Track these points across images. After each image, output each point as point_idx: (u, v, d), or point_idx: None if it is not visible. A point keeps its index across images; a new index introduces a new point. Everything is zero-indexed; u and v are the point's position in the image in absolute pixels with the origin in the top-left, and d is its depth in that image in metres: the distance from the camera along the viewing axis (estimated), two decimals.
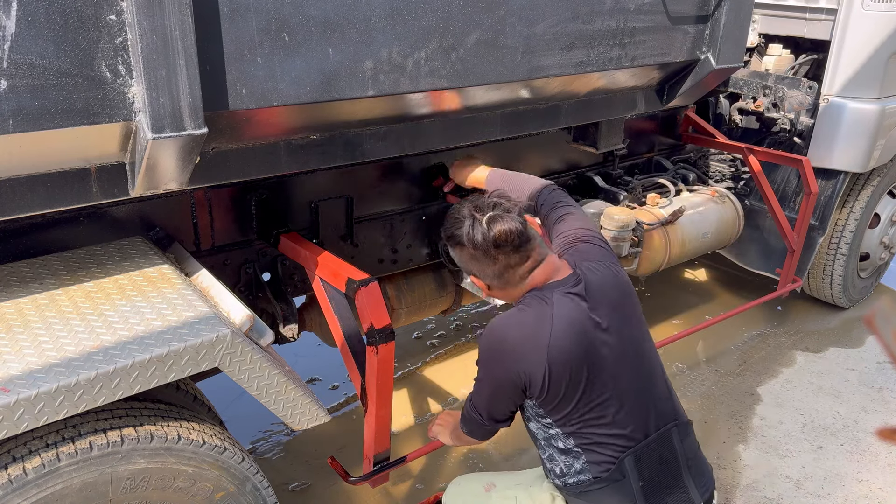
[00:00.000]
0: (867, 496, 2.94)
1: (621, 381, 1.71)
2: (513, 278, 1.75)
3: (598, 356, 1.69)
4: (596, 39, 2.40)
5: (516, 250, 1.71)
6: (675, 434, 1.78)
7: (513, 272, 1.74)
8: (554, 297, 1.70)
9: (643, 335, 1.82)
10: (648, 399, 1.76)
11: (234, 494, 1.86)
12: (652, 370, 1.80)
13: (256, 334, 1.81)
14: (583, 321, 1.69)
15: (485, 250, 1.70)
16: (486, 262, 1.73)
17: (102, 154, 1.67)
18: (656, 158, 3.96)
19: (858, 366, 3.87)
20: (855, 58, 3.57)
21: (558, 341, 1.64)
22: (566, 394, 1.68)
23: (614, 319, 1.73)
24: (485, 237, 1.68)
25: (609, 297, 1.75)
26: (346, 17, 1.80)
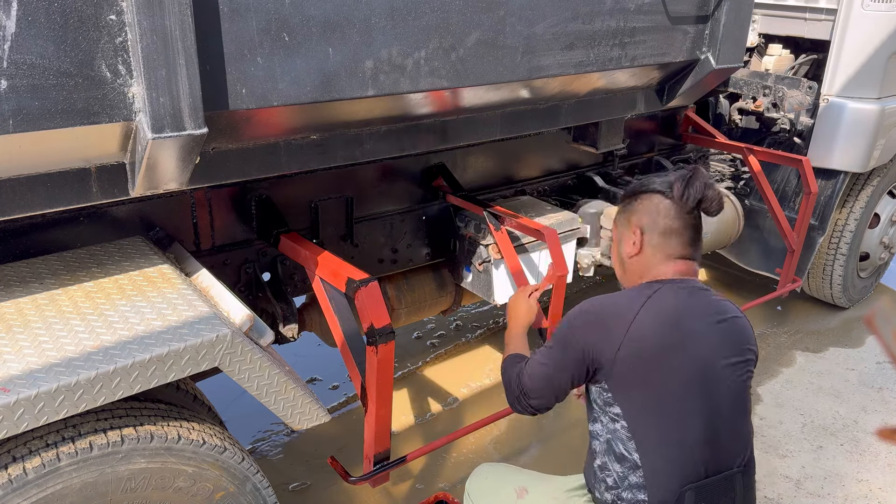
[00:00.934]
0: (867, 496, 2.94)
1: (703, 399, 1.63)
2: (669, 247, 1.75)
3: (681, 357, 1.62)
4: (596, 39, 2.40)
5: (696, 228, 1.76)
6: (740, 480, 1.68)
7: (675, 242, 1.74)
8: (661, 288, 1.69)
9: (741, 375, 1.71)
10: (726, 434, 1.66)
11: (234, 494, 1.86)
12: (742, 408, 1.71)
13: (256, 334, 1.81)
14: (679, 315, 1.65)
15: (686, 201, 1.72)
16: (671, 215, 1.74)
17: (102, 154, 1.67)
18: (656, 158, 3.96)
19: (858, 366, 3.87)
20: (855, 58, 3.57)
21: (642, 322, 1.62)
22: (636, 381, 1.62)
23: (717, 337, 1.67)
24: (698, 191, 1.71)
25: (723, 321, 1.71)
26: (346, 17, 1.80)
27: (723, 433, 1.66)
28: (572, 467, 1.98)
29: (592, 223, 3.19)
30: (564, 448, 3.21)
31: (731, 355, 1.69)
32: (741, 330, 1.75)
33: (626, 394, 1.64)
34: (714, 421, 1.64)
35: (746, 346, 1.74)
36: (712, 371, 1.65)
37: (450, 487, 2.94)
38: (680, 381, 1.62)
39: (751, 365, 1.75)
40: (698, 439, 1.62)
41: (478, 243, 2.83)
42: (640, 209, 1.79)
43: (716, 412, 1.64)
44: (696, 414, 1.62)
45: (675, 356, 1.62)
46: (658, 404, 1.62)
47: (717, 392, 1.65)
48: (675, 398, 1.62)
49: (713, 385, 1.65)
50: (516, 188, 3.31)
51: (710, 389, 1.64)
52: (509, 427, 3.33)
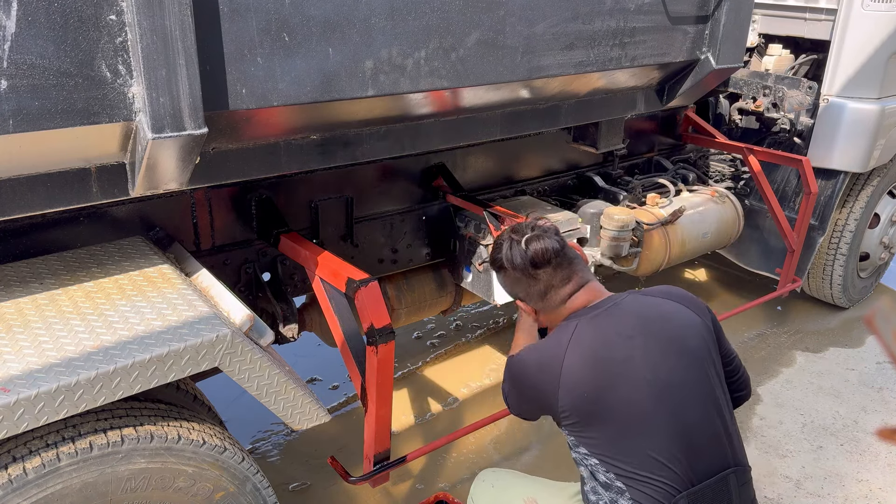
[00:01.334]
0: (867, 496, 2.94)
1: (667, 414, 1.62)
2: (555, 300, 1.78)
3: (628, 385, 1.61)
4: (596, 39, 2.40)
5: (557, 269, 1.75)
6: (733, 480, 1.67)
7: (555, 293, 1.77)
8: (579, 323, 1.70)
9: (706, 374, 1.70)
10: (709, 438, 1.66)
11: (234, 494, 1.86)
12: (716, 408, 1.69)
13: (256, 334, 1.81)
14: (605, 348, 1.65)
15: (524, 270, 1.76)
16: (528, 282, 1.78)
17: (102, 154, 1.67)
18: (656, 158, 3.97)
19: (858, 366, 3.87)
20: (855, 58, 3.57)
21: (570, 369, 1.63)
22: (589, 422, 1.63)
23: (661, 350, 1.66)
24: (523, 257, 1.75)
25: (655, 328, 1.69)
26: (346, 17, 1.80)
27: (699, 436, 1.64)
28: (572, 467, 1.98)
29: (592, 223, 3.19)
30: (564, 448, 3.21)
31: (680, 362, 1.67)
32: (680, 326, 1.72)
33: (584, 435, 1.66)
34: (684, 427, 1.63)
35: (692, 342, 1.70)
36: (662, 384, 1.63)
37: (450, 487, 2.94)
38: (632, 407, 1.61)
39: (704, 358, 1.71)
40: (673, 450, 1.61)
41: (478, 243, 2.83)
42: (506, 283, 1.87)
43: (683, 418, 1.63)
44: (661, 428, 1.61)
45: (615, 389, 1.61)
46: (620, 434, 1.62)
47: (677, 399, 1.63)
48: (634, 423, 1.61)
49: (669, 395, 1.63)
50: (516, 188, 3.31)
51: (667, 400, 1.62)
52: (509, 427, 3.33)
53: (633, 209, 3.41)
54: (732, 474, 1.68)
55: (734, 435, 1.73)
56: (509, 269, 1.79)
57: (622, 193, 3.49)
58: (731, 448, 1.71)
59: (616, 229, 3.14)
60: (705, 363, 1.71)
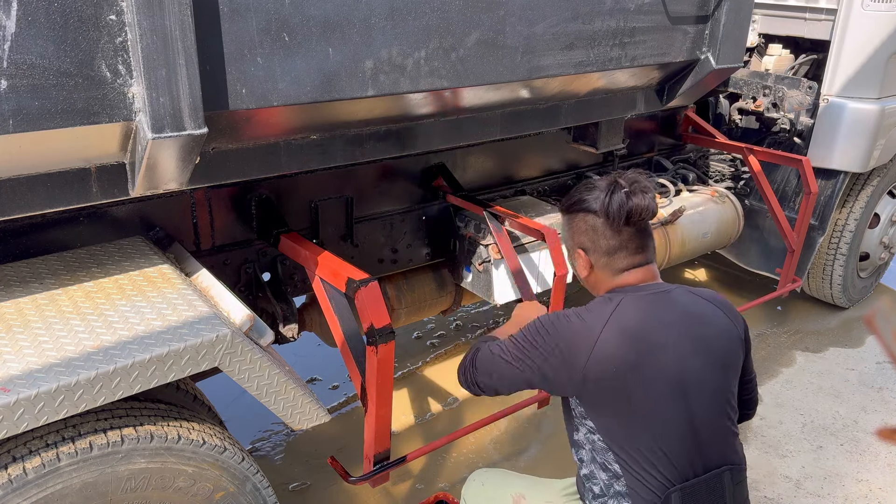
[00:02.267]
0: (867, 496, 2.94)
1: (679, 407, 1.61)
2: (618, 263, 1.71)
3: (653, 371, 1.59)
4: (596, 39, 2.40)
5: (637, 235, 1.69)
6: (728, 477, 1.66)
7: (622, 257, 1.70)
8: (623, 299, 1.65)
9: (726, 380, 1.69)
10: (708, 434, 1.64)
11: (234, 494, 1.86)
12: (721, 410, 1.68)
13: (256, 334, 1.81)
14: (644, 329, 1.62)
15: (614, 220, 1.66)
16: (607, 234, 1.69)
17: (102, 154, 1.67)
18: (656, 158, 3.97)
19: (858, 366, 3.87)
20: (855, 58, 3.57)
21: (607, 341, 1.59)
22: (607, 398, 1.60)
23: (689, 345, 1.63)
24: (621, 206, 1.64)
25: (694, 325, 1.66)
26: (346, 17, 1.80)
27: (704, 434, 1.64)
28: (571, 467, 1.98)
29: None
30: (563, 448, 3.20)
31: (706, 362, 1.65)
32: (716, 330, 1.69)
33: (597, 410, 1.63)
34: (693, 424, 1.62)
35: (722, 348, 1.68)
36: (684, 379, 1.62)
37: (450, 487, 2.94)
38: (651, 393, 1.60)
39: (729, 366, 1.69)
40: (677, 444, 1.61)
41: (478, 243, 2.83)
42: (577, 230, 1.75)
43: (694, 416, 1.62)
44: (672, 421, 1.61)
45: (642, 372, 1.59)
46: (631, 418, 1.60)
47: (693, 397, 1.63)
48: (647, 410, 1.60)
49: (687, 391, 1.62)
50: (516, 188, 3.31)
51: (684, 396, 1.61)
52: (509, 427, 3.33)
53: None
54: (728, 472, 1.67)
55: (731, 433, 1.72)
56: (599, 213, 1.68)
57: None
58: (731, 447, 1.70)
59: None
60: (728, 371, 1.70)
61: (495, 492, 1.99)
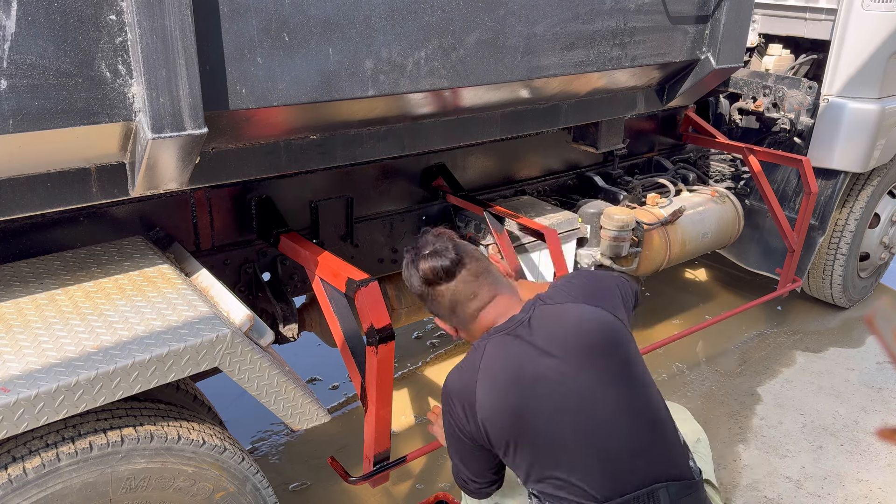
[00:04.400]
0: (867, 496, 2.94)
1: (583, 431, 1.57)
2: (464, 315, 1.75)
3: (543, 404, 1.57)
4: (596, 39, 2.40)
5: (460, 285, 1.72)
6: (664, 494, 1.58)
7: (462, 308, 1.74)
8: (487, 345, 1.65)
9: (630, 379, 1.64)
10: (629, 452, 1.59)
11: (234, 494, 1.86)
12: (639, 419, 1.62)
13: (256, 334, 1.81)
14: (515, 369, 1.59)
15: (422, 289, 1.76)
16: (434, 299, 1.76)
17: (102, 154, 1.67)
18: (656, 158, 3.96)
19: (858, 366, 3.87)
20: (855, 58, 3.57)
21: (484, 396, 1.59)
22: (512, 447, 1.60)
23: (574, 363, 1.60)
24: (417, 277, 1.75)
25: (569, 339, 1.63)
26: (346, 17, 1.80)
27: (622, 454, 1.59)
28: None
29: (592, 223, 3.19)
30: None
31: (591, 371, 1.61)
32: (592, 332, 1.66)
33: (512, 460, 1.64)
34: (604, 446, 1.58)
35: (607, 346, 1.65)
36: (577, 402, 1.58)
37: (450, 487, 2.94)
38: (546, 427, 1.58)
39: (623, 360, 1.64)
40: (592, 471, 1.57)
41: (478, 243, 2.83)
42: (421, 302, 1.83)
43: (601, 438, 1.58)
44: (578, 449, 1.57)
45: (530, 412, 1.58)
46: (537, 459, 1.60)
47: (595, 417, 1.58)
48: (548, 443, 1.59)
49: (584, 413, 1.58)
50: (516, 188, 3.31)
51: (581, 419, 1.58)
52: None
53: (633, 209, 3.41)
54: (664, 489, 1.59)
55: (668, 443, 1.65)
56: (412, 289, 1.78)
57: (622, 193, 3.49)
58: (665, 458, 1.63)
59: (616, 229, 3.14)
60: (624, 364, 1.65)
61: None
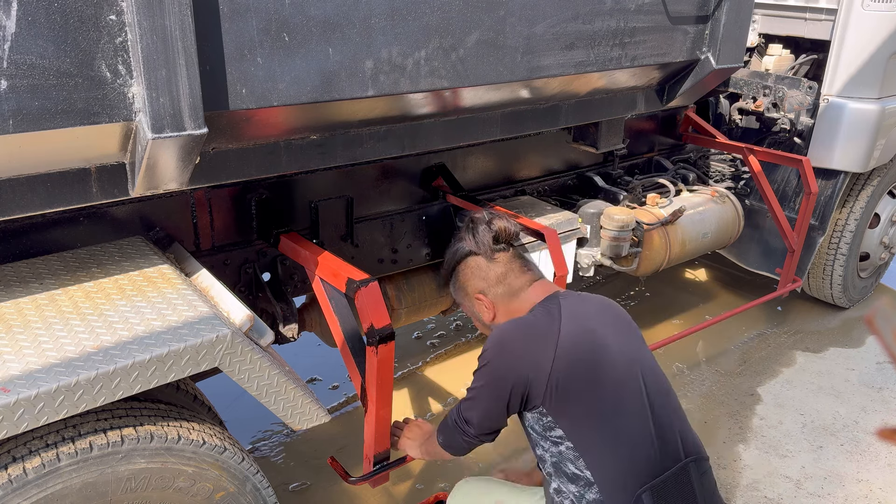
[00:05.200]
0: (867, 496, 2.94)
1: (639, 397, 1.63)
2: (515, 284, 1.80)
3: (607, 360, 1.62)
4: (596, 39, 2.40)
5: (514, 258, 1.81)
6: (694, 469, 1.66)
7: (514, 278, 1.80)
8: (561, 302, 1.70)
9: (655, 363, 1.74)
10: (667, 429, 1.65)
11: (234, 494, 1.86)
12: (669, 399, 1.70)
13: (256, 334, 1.81)
14: (591, 325, 1.67)
15: (486, 250, 1.80)
16: (488, 267, 1.81)
17: (102, 154, 1.67)
18: (656, 158, 3.96)
19: (858, 366, 3.87)
20: (855, 58, 3.57)
21: (569, 334, 1.62)
22: (574, 395, 1.60)
23: (618, 340, 1.69)
24: (485, 235, 1.81)
25: (614, 317, 1.75)
26: (346, 17, 1.80)
27: (663, 426, 1.65)
28: None
29: (592, 223, 3.19)
30: None
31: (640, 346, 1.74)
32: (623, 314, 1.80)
33: (565, 411, 1.62)
34: (652, 415, 1.64)
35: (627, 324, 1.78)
36: (633, 364, 1.67)
37: (450, 487, 2.92)
38: (612, 383, 1.62)
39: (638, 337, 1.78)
40: (643, 438, 1.61)
41: None
42: (466, 279, 1.87)
43: (650, 406, 1.65)
44: (635, 413, 1.62)
45: (603, 357, 1.63)
46: (598, 414, 1.61)
47: (645, 384, 1.66)
48: (612, 402, 1.61)
49: (639, 378, 1.66)
50: (516, 188, 3.31)
51: (638, 384, 1.65)
52: (508, 428, 3.32)
53: (633, 209, 3.41)
54: (693, 463, 1.67)
55: (687, 422, 1.74)
56: (472, 251, 1.82)
57: (622, 193, 3.49)
58: (686, 437, 1.70)
59: (616, 229, 3.14)
60: (647, 352, 1.77)
61: (478, 499, 2.02)
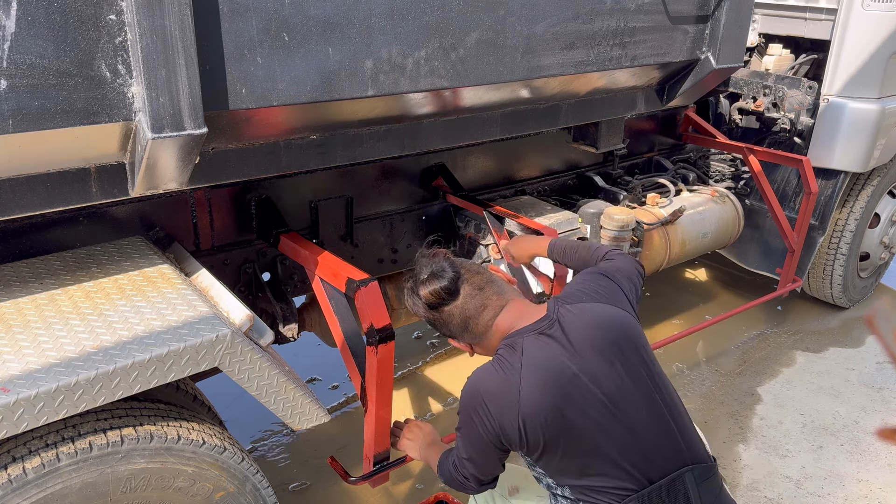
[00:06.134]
0: (867, 496, 2.94)
1: (615, 425, 1.62)
2: (477, 328, 1.76)
3: (580, 401, 1.61)
4: (596, 39, 2.40)
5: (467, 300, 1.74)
6: (690, 478, 1.64)
7: (474, 322, 1.75)
8: (524, 343, 1.66)
9: (649, 374, 1.70)
10: (656, 441, 1.65)
11: (233, 494, 1.86)
12: (661, 410, 1.68)
13: (256, 334, 1.81)
14: (557, 366, 1.63)
15: (429, 314, 1.78)
16: (444, 321, 1.78)
17: (102, 154, 1.67)
18: (656, 158, 3.96)
19: (858, 366, 3.87)
20: (855, 58, 3.57)
21: (529, 392, 1.60)
22: (548, 445, 1.61)
23: (602, 360, 1.65)
24: (421, 304, 1.77)
25: (596, 337, 1.67)
26: (346, 16, 1.80)
27: (650, 440, 1.64)
28: None
29: (592, 223, 3.19)
30: None
31: (620, 365, 1.65)
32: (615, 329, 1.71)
33: (540, 458, 1.64)
34: (637, 436, 1.62)
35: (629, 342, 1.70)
36: (611, 395, 1.62)
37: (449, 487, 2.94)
38: (586, 422, 1.60)
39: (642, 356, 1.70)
40: (626, 461, 1.61)
41: (478, 243, 2.83)
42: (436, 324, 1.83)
43: (634, 427, 1.63)
44: (616, 440, 1.61)
45: (570, 407, 1.60)
46: (576, 453, 1.61)
47: (626, 408, 1.63)
48: (588, 438, 1.60)
49: (618, 405, 1.63)
50: (516, 188, 3.31)
51: (617, 411, 1.62)
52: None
53: (633, 209, 3.41)
54: (689, 472, 1.65)
55: (687, 430, 1.71)
56: (421, 315, 1.80)
57: (622, 193, 3.49)
58: (687, 445, 1.68)
59: (616, 229, 3.14)
60: (644, 359, 1.71)
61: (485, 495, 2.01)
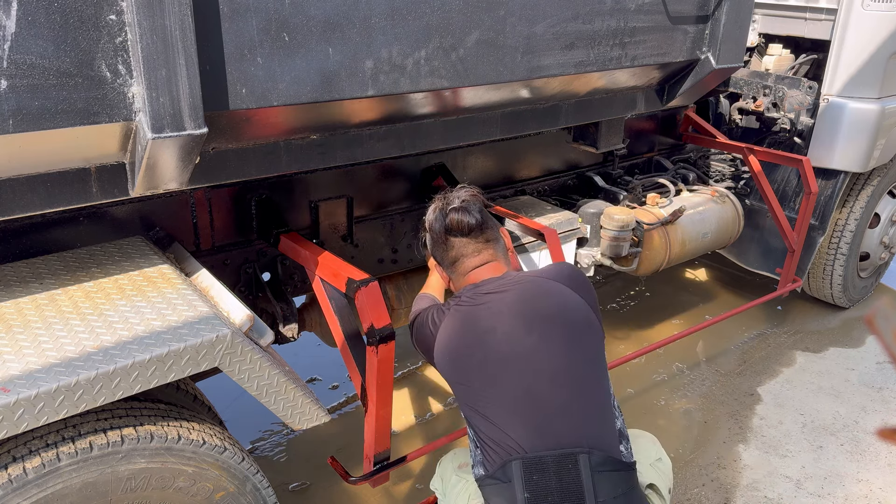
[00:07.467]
0: (867, 496, 2.94)
1: (514, 382, 1.72)
2: (461, 269, 1.98)
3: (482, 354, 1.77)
4: (596, 39, 2.40)
5: (470, 242, 1.96)
6: (584, 461, 1.65)
7: (462, 263, 1.98)
8: (463, 293, 1.90)
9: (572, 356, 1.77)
10: (553, 415, 1.70)
11: (234, 494, 1.86)
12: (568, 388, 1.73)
13: (256, 334, 1.81)
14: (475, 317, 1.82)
15: (440, 235, 1.98)
16: (444, 247, 1.99)
17: (102, 154, 1.67)
18: (656, 158, 3.96)
19: (858, 366, 3.87)
20: (855, 58, 3.57)
21: (443, 334, 1.85)
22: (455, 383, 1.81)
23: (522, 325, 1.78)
24: (441, 222, 1.97)
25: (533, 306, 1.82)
26: (346, 17, 1.80)
27: (550, 411, 1.71)
28: None
29: (592, 223, 3.19)
30: None
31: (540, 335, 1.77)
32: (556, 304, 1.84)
33: (452, 384, 1.85)
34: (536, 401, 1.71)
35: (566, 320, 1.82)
36: (518, 356, 1.75)
37: None
38: (485, 375, 1.76)
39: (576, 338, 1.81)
40: (518, 422, 1.70)
41: None
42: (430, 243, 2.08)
43: (536, 393, 1.72)
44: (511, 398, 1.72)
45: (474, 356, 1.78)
46: (475, 398, 1.77)
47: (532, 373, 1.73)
48: (485, 390, 1.75)
49: (524, 368, 1.74)
50: (516, 188, 3.31)
51: (519, 372, 1.74)
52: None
53: (633, 209, 3.41)
54: (584, 455, 1.66)
55: (595, 419, 1.73)
56: (431, 230, 2.01)
57: (622, 193, 3.49)
58: (588, 430, 1.70)
59: (616, 229, 3.14)
60: (578, 343, 1.80)
61: (444, 469, 2.08)
